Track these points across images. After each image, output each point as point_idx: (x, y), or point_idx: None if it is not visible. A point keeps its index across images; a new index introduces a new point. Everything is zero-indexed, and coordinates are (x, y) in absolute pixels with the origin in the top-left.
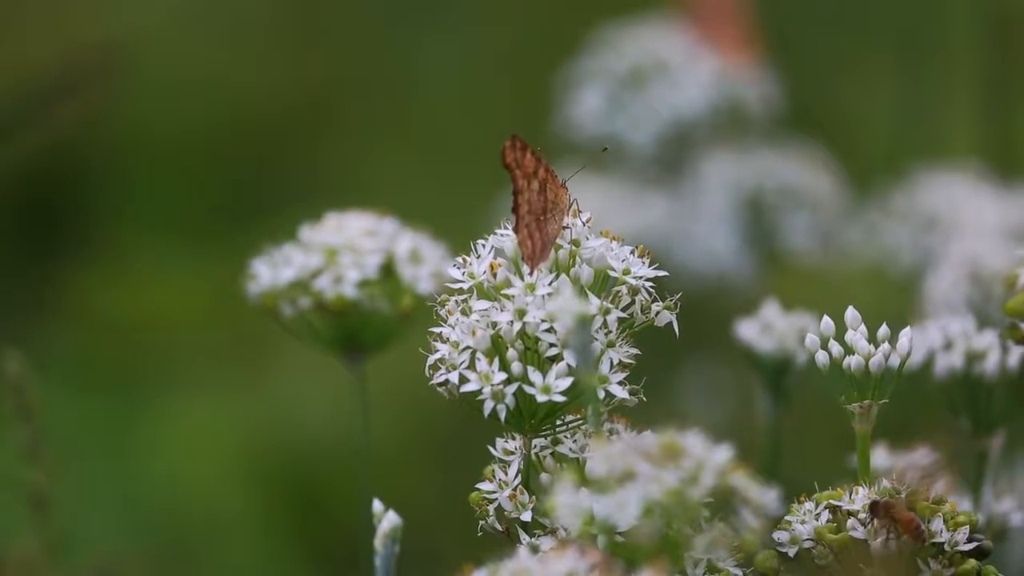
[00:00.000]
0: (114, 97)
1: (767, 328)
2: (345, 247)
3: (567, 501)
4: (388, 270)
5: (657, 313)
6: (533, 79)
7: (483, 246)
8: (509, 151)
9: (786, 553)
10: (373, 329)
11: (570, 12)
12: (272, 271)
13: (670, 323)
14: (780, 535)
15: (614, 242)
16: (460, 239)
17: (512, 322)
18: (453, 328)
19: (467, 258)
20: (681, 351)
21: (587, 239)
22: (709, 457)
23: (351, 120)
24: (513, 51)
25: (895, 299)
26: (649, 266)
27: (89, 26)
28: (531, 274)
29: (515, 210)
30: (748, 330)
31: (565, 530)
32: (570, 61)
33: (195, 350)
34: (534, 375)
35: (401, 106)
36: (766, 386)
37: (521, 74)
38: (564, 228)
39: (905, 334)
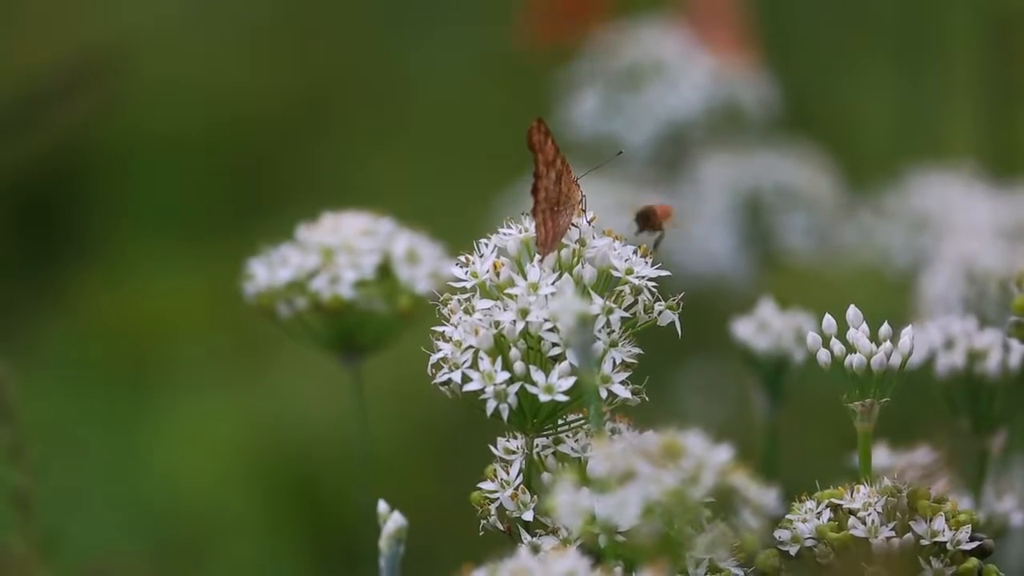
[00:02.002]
0: (113, 98)
1: (763, 327)
2: (342, 247)
3: (568, 500)
4: (385, 270)
5: (660, 312)
6: (531, 79)
7: (486, 245)
8: (535, 132)
9: (787, 552)
10: (370, 329)
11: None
12: (269, 271)
13: (671, 323)
14: (781, 534)
15: (616, 242)
16: (458, 239)
17: (515, 321)
18: (456, 327)
19: (470, 257)
20: (679, 351)
21: (592, 238)
22: (709, 457)
23: (349, 120)
24: (511, 51)
25: (890, 299)
26: (651, 266)
27: (88, 27)
28: (541, 260)
29: (534, 193)
30: (744, 329)
31: (566, 530)
32: (568, 61)
33: (194, 349)
34: (537, 375)
35: (399, 106)
36: (763, 385)
37: (519, 74)
38: (572, 226)
39: (907, 333)
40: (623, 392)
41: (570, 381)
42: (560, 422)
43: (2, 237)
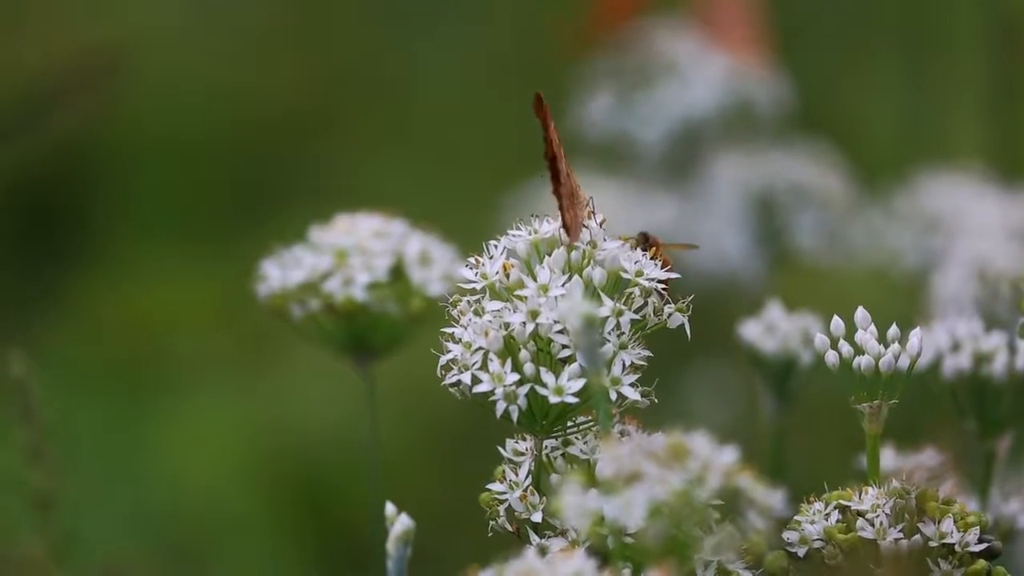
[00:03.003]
0: (116, 99)
1: (770, 329)
2: (355, 249)
3: (574, 502)
4: (398, 272)
5: (670, 315)
6: (537, 78)
7: (495, 246)
8: (540, 103)
9: (796, 553)
10: (382, 331)
11: (574, 12)
12: (282, 272)
13: (681, 325)
14: (790, 535)
15: (626, 244)
16: (463, 239)
17: (525, 323)
18: (465, 329)
19: (479, 258)
20: (688, 352)
21: (603, 240)
22: (715, 458)
23: (352, 121)
24: (514, 50)
25: (899, 300)
26: (662, 268)
27: (90, 28)
28: (570, 243)
29: (553, 163)
30: (751, 331)
31: (575, 531)
32: (580, 60)
33: (199, 351)
34: (547, 376)
35: (402, 106)
36: (770, 387)
37: (524, 73)
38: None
39: (915, 334)
40: (633, 394)
41: (580, 383)
42: (569, 424)
43: (5, 239)
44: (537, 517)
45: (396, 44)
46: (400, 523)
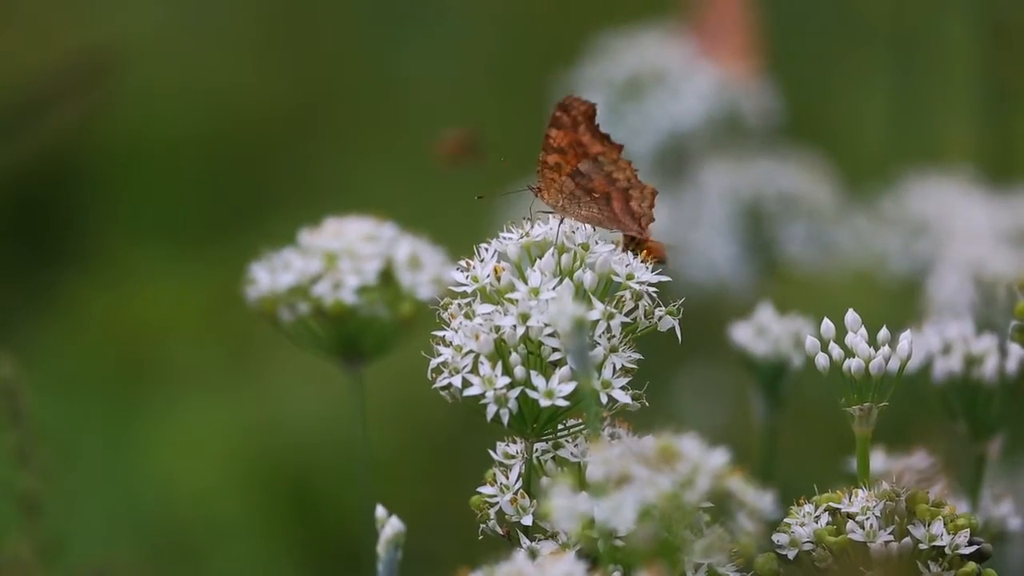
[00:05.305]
0: (108, 103)
1: (762, 332)
2: (344, 252)
3: (564, 504)
4: (387, 276)
5: (660, 318)
6: (527, 84)
7: (486, 249)
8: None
9: (786, 556)
10: (372, 335)
11: (566, 17)
12: (271, 276)
13: (671, 328)
14: (780, 538)
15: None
16: (455, 242)
17: (516, 326)
18: (456, 332)
19: (470, 261)
20: (678, 357)
21: (595, 243)
22: (705, 461)
23: (344, 126)
24: (508, 56)
25: (887, 304)
26: (654, 260)
27: (83, 32)
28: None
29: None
30: (743, 334)
31: (565, 534)
32: (567, 67)
33: (191, 354)
34: (537, 379)
35: (394, 111)
36: (761, 390)
37: (515, 79)
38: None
39: (904, 337)
40: (623, 397)
41: (570, 386)
42: (560, 427)
43: None
44: (527, 520)
45: (388, 47)
46: (391, 525)
